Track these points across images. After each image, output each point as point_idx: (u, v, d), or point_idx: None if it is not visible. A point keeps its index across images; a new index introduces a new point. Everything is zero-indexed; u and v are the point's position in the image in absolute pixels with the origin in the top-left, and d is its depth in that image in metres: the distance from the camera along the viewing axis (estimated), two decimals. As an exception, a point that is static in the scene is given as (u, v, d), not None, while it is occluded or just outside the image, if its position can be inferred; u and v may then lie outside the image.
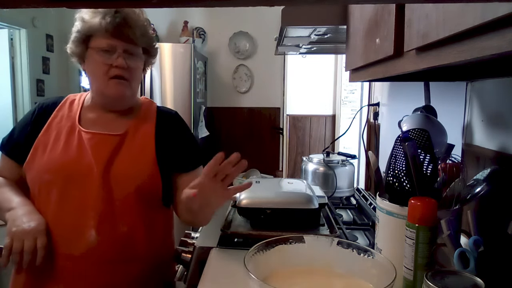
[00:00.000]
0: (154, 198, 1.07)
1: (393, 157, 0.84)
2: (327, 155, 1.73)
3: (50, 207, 1.01)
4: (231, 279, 0.91)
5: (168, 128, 1.12)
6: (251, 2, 0.27)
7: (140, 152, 1.05)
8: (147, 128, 1.09)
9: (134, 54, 1.04)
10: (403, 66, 0.68)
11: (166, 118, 1.15)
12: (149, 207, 1.06)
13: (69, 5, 0.26)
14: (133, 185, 1.02)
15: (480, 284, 0.59)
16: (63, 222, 1.00)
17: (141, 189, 1.03)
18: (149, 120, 1.11)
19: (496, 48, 0.39)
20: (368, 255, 0.71)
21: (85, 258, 0.99)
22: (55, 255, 0.99)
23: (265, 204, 1.14)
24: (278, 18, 1.22)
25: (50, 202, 1.01)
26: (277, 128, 3.89)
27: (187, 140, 1.17)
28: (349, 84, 3.28)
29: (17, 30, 3.77)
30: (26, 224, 0.96)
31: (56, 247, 0.99)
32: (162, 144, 1.08)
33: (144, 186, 1.04)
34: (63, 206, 1.01)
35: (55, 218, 1.01)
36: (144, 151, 1.06)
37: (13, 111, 3.89)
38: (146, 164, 1.05)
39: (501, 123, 0.91)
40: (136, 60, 1.05)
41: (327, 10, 1.21)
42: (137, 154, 1.05)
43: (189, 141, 1.17)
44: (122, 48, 1.02)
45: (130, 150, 1.05)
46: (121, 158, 1.03)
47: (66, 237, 1.00)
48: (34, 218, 0.98)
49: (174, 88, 3.15)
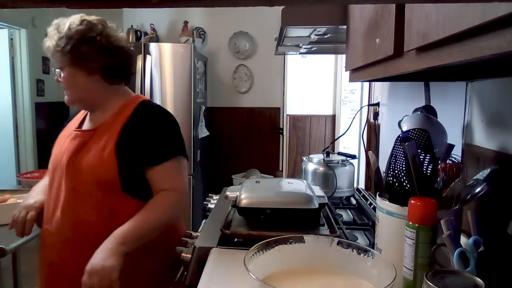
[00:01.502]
0: (113, 187, 1.16)
1: (393, 157, 0.84)
2: (327, 155, 1.73)
3: (46, 191, 1.26)
4: (231, 279, 0.91)
5: (137, 123, 1.20)
6: (251, 2, 0.27)
7: (103, 145, 1.17)
8: (117, 123, 1.20)
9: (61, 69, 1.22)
10: (403, 66, 0.68)
11: (141, 113, 1.23)
12: (109, 196, 1.17)
13: (69, 5, 0.26)
14: (91, 174, 1.15)
15: (480, 284, 0.59)
16: (47, 203, 1.24)
17: (99, 179, 1.15)
18: (123, 115, 1.21)
19: (496, 48, 0.39)
20: (368, 255, 0.71)
21: (56, 235, 1.19)
22: (42, 228, 1.25)
23: (265, 204, 1.14)
24: (278, 18, 1.22)
25: (47, 187, 1.26)
26: (277, 128, 3.89)
27: (156, 134, 1.20)
28: (349, 84, 3.28)
29: (17, 30, 3.77)
30: (28, 201, 1.26)
31: (43, 222, 1.24)
32: (126, 138, 1.17)
33: (102, 176, 1.15)
34: (50, 190, 1.24)
35: (46, 199, 1.25)
36: (106, 144, 1.17)
37: (13, 111, 3.89)
38: (106, 156, 1.15)
39: (501, 123, 0.91)
40: (64, 72, 1.21)
41: (327, 10, 1.21)
42: (100, 147, 1.17)
43: (158, 135, 1.20)
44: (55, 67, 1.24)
45: (95, 144, 1.18)
46: (85, 151, 1.18)
47: (47, 215, 1.23)
48: (35, 197, 1.27)
49: (174, 88, 3.15)
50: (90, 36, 1.15)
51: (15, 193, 1.78)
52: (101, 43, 1.17)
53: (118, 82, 1.26)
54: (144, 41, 3.43)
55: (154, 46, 3.16)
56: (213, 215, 1.39)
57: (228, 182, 3.40)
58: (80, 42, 1.15)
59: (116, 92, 1.25)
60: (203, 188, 3.60)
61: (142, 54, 3.11)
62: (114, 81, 1.24)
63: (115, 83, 1.25)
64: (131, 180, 1.18)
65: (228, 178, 3.65)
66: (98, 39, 1.16)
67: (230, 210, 1.28)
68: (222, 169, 3.90)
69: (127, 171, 1.16)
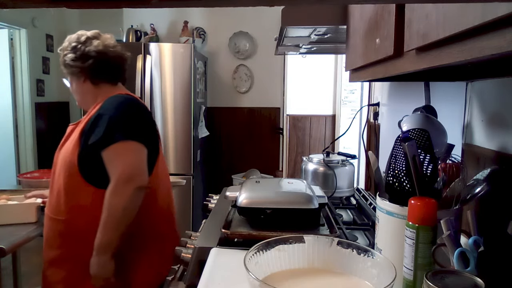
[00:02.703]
0: (73, 172, 1.29)
1: (393, 157, 0.84)
2: (327, 155, 1.73)
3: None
4: (231, 279, 0.91)
5: (98, 110, 1.32)
6: (251, 2, 0.27)
7: (75, 134, 1.33)
8: (90, 115, 1.34)
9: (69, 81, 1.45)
10: (403, 66, 0.68)
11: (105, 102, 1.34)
12: (71, 179, 1.30)
13: (69, 5, 0.26)
14: (62, 159, 1.33)
15: (480, 284, 0.59)
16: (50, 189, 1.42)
17: (65, 163, 1.31)
18: (97, 108, 1.34)
19: (496, 48, 0.39)
20: (368, 255, 0.71)
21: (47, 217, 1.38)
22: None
23: (265, 204, 1.14)
24: (278, 18, 1.22)
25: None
26: (277, 128, 3.89)
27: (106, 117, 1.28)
28: (349, 84, 3.28)
29: (17, 30, 3.77)
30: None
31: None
32: (88, 124, 1.31)
33: (67, 160, 1.30)
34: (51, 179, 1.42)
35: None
36: (77, 132, 1.33)
37: (13, 111, 3.89)
38: (73, 141, 1.31)
39: (501, 123, 0.91)
40: (71, 84, 1.44)
41: (327, 10, 1.21)
42: (74, 136, 1.33)
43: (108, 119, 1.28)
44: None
45: (73, 134, 1.35)
46: (67, 141, 1.36)
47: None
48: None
49: (174, 88, 3.15)
50: (72, 46, 1.36)
51: (15, 193, 1.78)
52: (80, 50, 1.35)
53: (104, 82, 1.39)
54: (144, 41, 3.43)
55: (154, 46, 3.15)
56: (213, 215, 1.39)
57: (228, 182, 3.40)
58: (67, 53, 1.36)
59: (103, 91, 1.38)
60: (203, 188, 3.60)
61: (142, 54, 3.11)
62: (99, 82, 1.39)
63: (101, 84, 1.39)
64: (88, 165, 1.29)
65: (228, 178, 3.65)
66: (78, 47, 1.35)
67: (230, 210, 1.28)
68: (222, 169, 3.90)
69: (84, 155, 1.28)
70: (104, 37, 1.41)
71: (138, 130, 1.31)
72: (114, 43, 1.43)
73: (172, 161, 3.20)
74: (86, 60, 1.35)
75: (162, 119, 3.14)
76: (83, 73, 1.37)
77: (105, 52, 1.38)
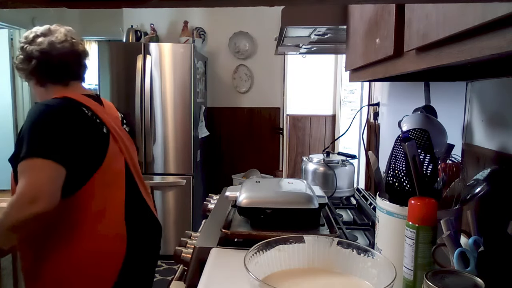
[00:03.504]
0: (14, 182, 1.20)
1: (393, 157, 0.84)
2: (327, 155, 1.73)
3: None
4: (231, 279, 0.91)
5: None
6: (251, 2, 0.27)
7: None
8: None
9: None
10: (403, 66, 0.68)
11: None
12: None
13: (69, 5, 0.26)
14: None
15: (480, 284, 0.59)
16: None
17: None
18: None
19: (496, 48, 0.39)
20: (368, 255, 0.71)
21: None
22: None
23: (265, 204, 1.14)
24: (278, 18, 1.22)
25: None
26: (277, 128, 3.89)
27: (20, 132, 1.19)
28: (349, 84, 3.28)
29: (17, 30, 3.78)
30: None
31: None
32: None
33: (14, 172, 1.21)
34: None
35: None
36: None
37: (13, 111, 3.89)
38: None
39: (501, 123, 0.91)
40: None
41: (327, 10, 1.21)
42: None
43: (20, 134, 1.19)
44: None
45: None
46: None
47: None
48: None
49: (174, 88, 3.15)
50: (20, 46, 1.30)
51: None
52: (25, 50, 1.28)
53: (50, 83, 1.31)
54: (144, 41, 3.43)
55: (154, 46, 3.16)
56: (213, 215, 1.39)
57: (228, 182, 3.40)
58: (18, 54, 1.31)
59: (52, 93, 1.29)
60: (203, 188, 3.60)
61: (142, 54, 3.11)
62: (45, 83, 1.31)
63: (48, 85, 1.31)
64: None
65: (228, 178, 3.65)
66: (24, 47, 1.28)
67: (230, 210, 1.28)
68: (222, 169, 3.90)
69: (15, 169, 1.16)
70: (55, 32, 1.28)
71: (48, 145, 1.13)
72: (64, 37, 1.29)
73: (172, 161, 3.20)
74: (30, 62, 1.27)
75: (162, 119, 3.15)
76: (31, 75, 1.30)
77: (48, 51, 1.26)
